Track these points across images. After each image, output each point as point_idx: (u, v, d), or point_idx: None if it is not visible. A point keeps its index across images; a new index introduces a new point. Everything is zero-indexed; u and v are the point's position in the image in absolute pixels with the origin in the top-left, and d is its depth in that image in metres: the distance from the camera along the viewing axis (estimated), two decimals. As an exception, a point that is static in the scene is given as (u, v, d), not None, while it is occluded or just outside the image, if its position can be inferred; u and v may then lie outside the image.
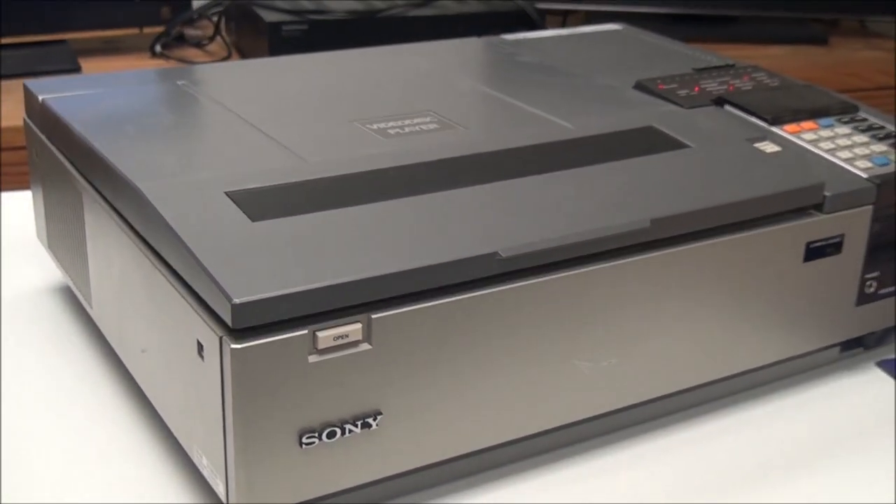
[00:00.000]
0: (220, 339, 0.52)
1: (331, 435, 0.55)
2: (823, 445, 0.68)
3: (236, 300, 0.51)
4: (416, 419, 0.57)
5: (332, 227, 0.58)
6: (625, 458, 0.66)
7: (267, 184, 0.62)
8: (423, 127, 0.72)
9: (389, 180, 0.63)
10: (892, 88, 1.79)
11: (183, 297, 0.56)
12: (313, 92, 0.79)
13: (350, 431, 0.55)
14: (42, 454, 0.64)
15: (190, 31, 1.81)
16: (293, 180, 0.63)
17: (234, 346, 0.51)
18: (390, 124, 0.72)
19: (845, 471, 0.65)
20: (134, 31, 1.73)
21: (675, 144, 0.71)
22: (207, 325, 0.53)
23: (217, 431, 0.54)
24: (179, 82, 0.80)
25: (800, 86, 0.83)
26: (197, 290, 0.55)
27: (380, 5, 1.73)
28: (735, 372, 0.69)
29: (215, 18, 1.80)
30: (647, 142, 0.71)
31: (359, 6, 1.72)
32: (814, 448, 0.67)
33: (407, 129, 0.71)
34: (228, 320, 0.51)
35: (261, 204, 0.60)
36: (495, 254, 0.57)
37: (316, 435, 0.55)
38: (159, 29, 1.72)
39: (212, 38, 1.78)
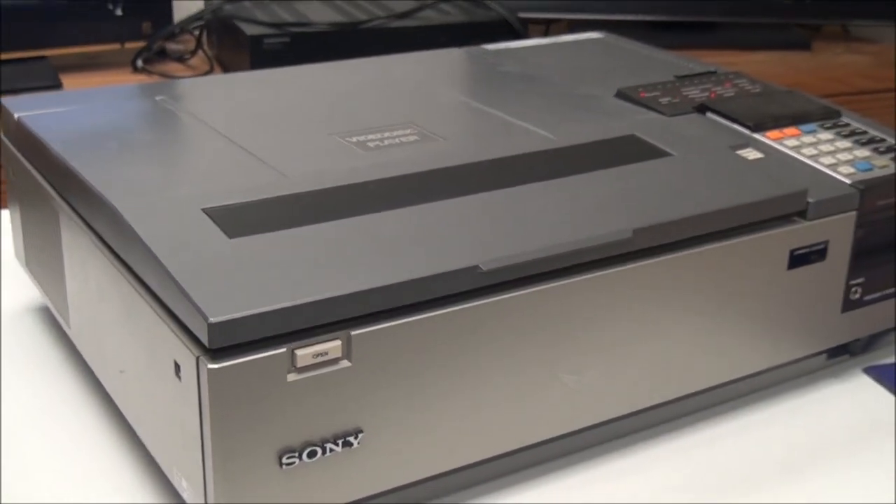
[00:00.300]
0: (197, 358, 0.51)
1: (312, 454, 0.54)
2: (817, 451, 0.67)
3: (212, 319, 0.50)
4: (398, 436, 0.57)
5: (310, 243, 0.57)
6: (612, 469, 0.65)
7: (244, 199, 0.61)
8: (404, 139, 0.71)
9: (368, 194, 0.63)
10: (874, 93, 1.80)
11: (160, 316, 0.55)
12: (293, 105, 0.78)
13: (331, 450, 0.55)
14: (19, 476, 0.63)
15: (172, 46, 1.80)
16: (271, 195, 0.62)
17: (210, 365, 0.50)
18: (370, 137, 0.71)
19: (840, 475, 0.65)
20: (115, 46, 1.72)
21: (658, 153, 0.70)
22: (184, 344, 0.52)
23: (196, 453, 0.53)
24: (157, 98, 0.79)
25: (782, 92, 0.83)
26: (173, 309, 0.54)
27: (362, 17, 1.72)
28: (721, 381, 0.68)
29: (197, 32, 1.79)
30: (629, 150, 0.71)
31: (341, 18, 1.71)
32: (808, 454, 0.67)
33: (387, 142, 0.71)
34: (205, 340, 0.50)
35: (238, 220, 0.59)
36: (476, 267, 0.56)
37: (296, 455, 0.54)
38: (141, 44, 1.72)
39: (194, 53, 1.77)
